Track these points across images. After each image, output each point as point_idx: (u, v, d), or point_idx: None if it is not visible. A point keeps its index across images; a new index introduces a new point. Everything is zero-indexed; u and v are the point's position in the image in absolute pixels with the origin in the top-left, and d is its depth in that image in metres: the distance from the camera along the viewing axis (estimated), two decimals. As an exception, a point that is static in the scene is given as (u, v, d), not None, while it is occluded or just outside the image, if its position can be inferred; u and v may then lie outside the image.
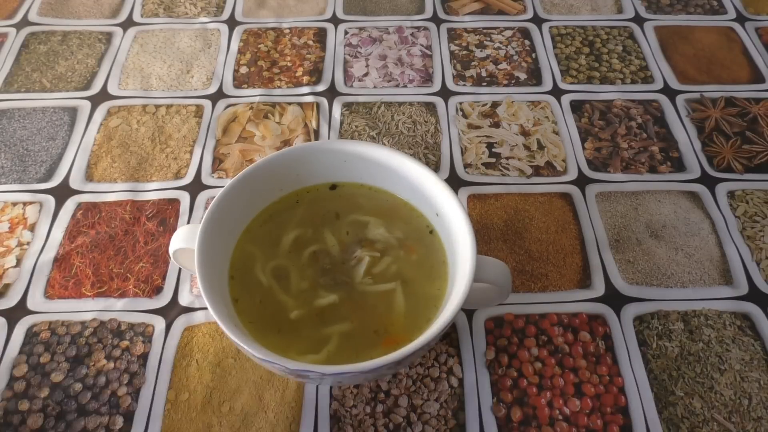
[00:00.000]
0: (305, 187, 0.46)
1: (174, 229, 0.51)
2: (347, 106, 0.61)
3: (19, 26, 0.69)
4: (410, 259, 0.43)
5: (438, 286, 0.41)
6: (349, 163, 0.45)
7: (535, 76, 0.65)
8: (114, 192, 0.54)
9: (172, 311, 0.47)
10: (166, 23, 0.70)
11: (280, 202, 0.45)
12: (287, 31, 0.69)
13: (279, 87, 0.63)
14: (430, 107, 0.61)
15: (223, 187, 0.41)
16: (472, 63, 0.66)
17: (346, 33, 0.69)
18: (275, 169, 0.44)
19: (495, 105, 0.61)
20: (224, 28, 0.69)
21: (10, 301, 0.47)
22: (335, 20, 0.70)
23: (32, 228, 0.51)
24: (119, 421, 0.41)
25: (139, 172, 0.55)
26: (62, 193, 0.54)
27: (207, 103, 0.61)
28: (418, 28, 0.70)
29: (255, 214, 0.45)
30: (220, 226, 0.40)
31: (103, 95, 0.62)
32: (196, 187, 0.54)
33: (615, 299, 0.48)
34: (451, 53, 0.67)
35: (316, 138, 0.58)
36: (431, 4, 0.72)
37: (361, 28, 0.69)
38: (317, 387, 0.43)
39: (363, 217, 0.45)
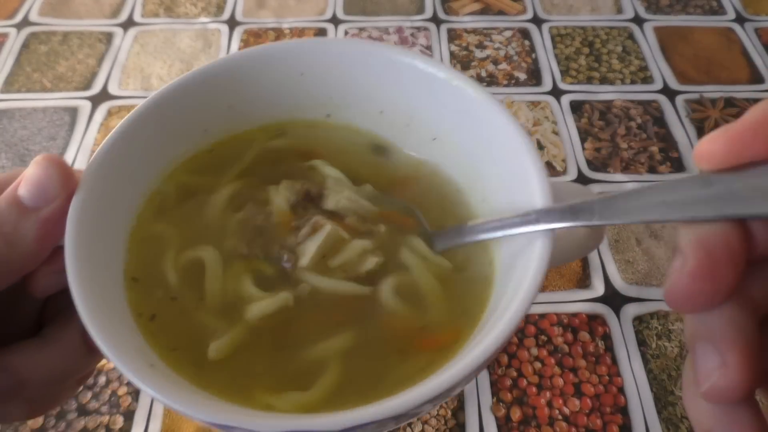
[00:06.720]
0: (243, 130, 0.32)
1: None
2: (347, 106, 0.61)
3: (19, 26, 0.69)
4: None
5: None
6: (307, 78, 0.30)
7: (534, 77, 0.65)
8: (114, 192, 0.54)
9: (172, 311, 0.47)
10: (167, 23, 0.70)
11: (205, 154, 0.31)
12: (287, 31, 0.69)
13: (279, 87, 0.63)
14: (430, 107, 0.61)
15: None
16: (472, 63, 0.66)
17: (346, 33, 0.69)
18: (197, 95, 0.29)
19: (495, 105, 0.61)
20: (224, 28, 0.69)
21: (11, 300, 0.47)
22: (335, 20, 0.70)
23: (33, 228, 0.51)
24: (120, 421, 0.42)
25: (139, 172, 0.55)
26: (63, 192, 0.54)
27: (207, 103, 0.61)
28: (418, 28, 0.70)
29: (164, 173, 0.30)
30: (109, 192, 0.26)
31: (104, 95, 0.62)
32: (196, 187, 0.54)
33: (614, 299, 0.48)
34: (451, 53, 0.67)
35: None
36: (431, 4, 0.73)
37: (361, 29, 0.69)
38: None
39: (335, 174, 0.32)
